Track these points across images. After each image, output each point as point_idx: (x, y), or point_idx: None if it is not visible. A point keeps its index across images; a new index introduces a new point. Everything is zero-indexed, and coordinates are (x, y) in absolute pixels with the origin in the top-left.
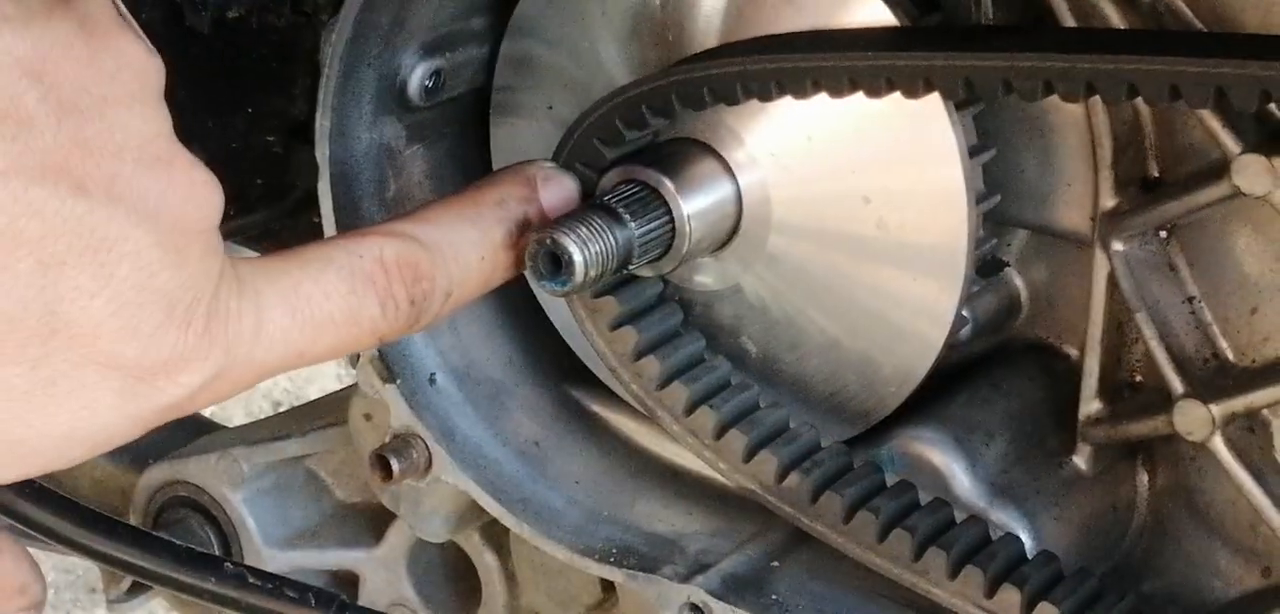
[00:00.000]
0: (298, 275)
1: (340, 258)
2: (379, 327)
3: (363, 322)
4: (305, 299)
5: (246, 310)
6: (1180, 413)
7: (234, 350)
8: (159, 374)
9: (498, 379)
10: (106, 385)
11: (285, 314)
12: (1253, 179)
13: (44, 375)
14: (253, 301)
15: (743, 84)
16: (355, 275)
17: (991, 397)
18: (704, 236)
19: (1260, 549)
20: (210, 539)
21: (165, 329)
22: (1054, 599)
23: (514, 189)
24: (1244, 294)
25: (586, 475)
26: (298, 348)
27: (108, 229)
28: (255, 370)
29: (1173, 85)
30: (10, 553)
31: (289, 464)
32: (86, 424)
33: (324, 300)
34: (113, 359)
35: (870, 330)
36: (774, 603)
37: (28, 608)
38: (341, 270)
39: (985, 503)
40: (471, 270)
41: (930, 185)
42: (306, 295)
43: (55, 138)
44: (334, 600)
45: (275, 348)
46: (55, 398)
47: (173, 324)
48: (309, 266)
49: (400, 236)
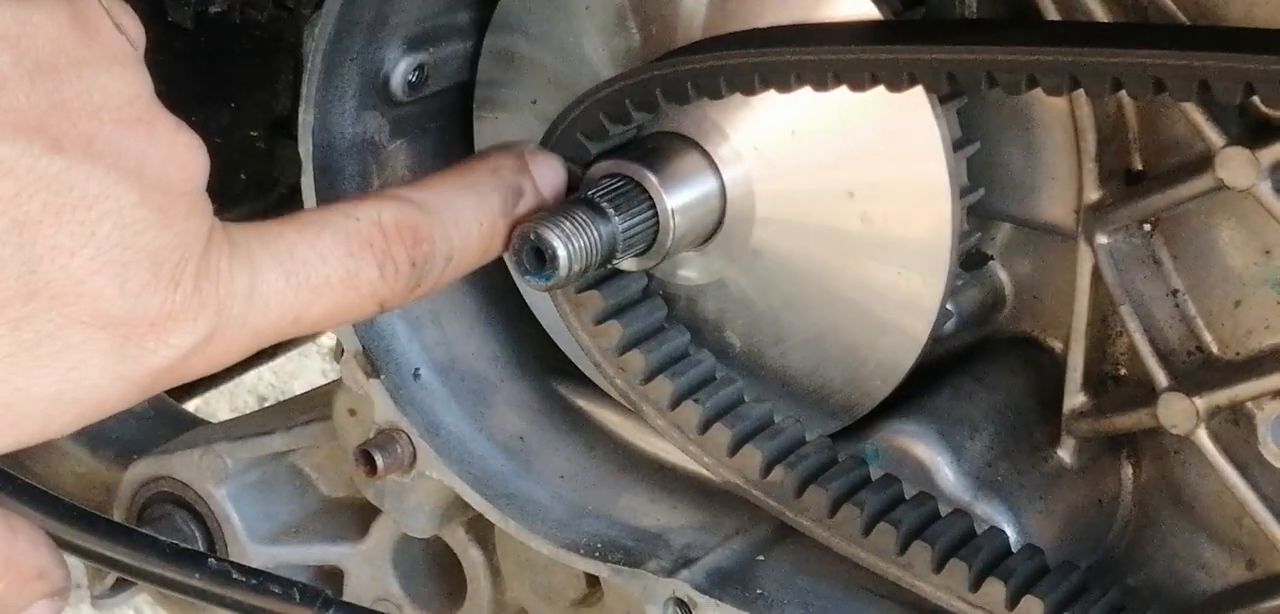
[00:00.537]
0: (293, 238)
1: (337, 220)
2: (378, 290)
3: (361, 285)
4: (301, 262)
5: (238, 271)
6: (1165, 406)
7: (226, 311)
8: (148, 334)
9: (482, 374)
10: (94, 346)
11: (280, 277)
12: (1236, 172)
13: (27, 336)
14: (246, 263)
15: (726, 78)
16: (352, 237)
17: (976, 390)
18: (688, 231)
19: (1245, 542)
20: (194, 535)
21: (152, 287)
22: (1038, 593)
23: (506, 160)
24: (1228, 287)
25: (571, 470)
26: (293, 311)
27: (86, 187)
28: (249, 334)
29: (1156, 78)
30: (27, 536)
31: (273, 459)
32: (75, 386)
33: (320, 263)
34: (98, 317)
35: (854, 324)
36: (759, 597)
37: (49, 594)
38: (338, 233)
39: (970, 496)
40: (471, 236)
41: (914, 179)
42: (302, 259)
43: (29, 98)
44: (318, 596)
45: (270, 311)
46: (40, 359)
47: (160, 282)
48: (305, 230)
49: (399, 200)
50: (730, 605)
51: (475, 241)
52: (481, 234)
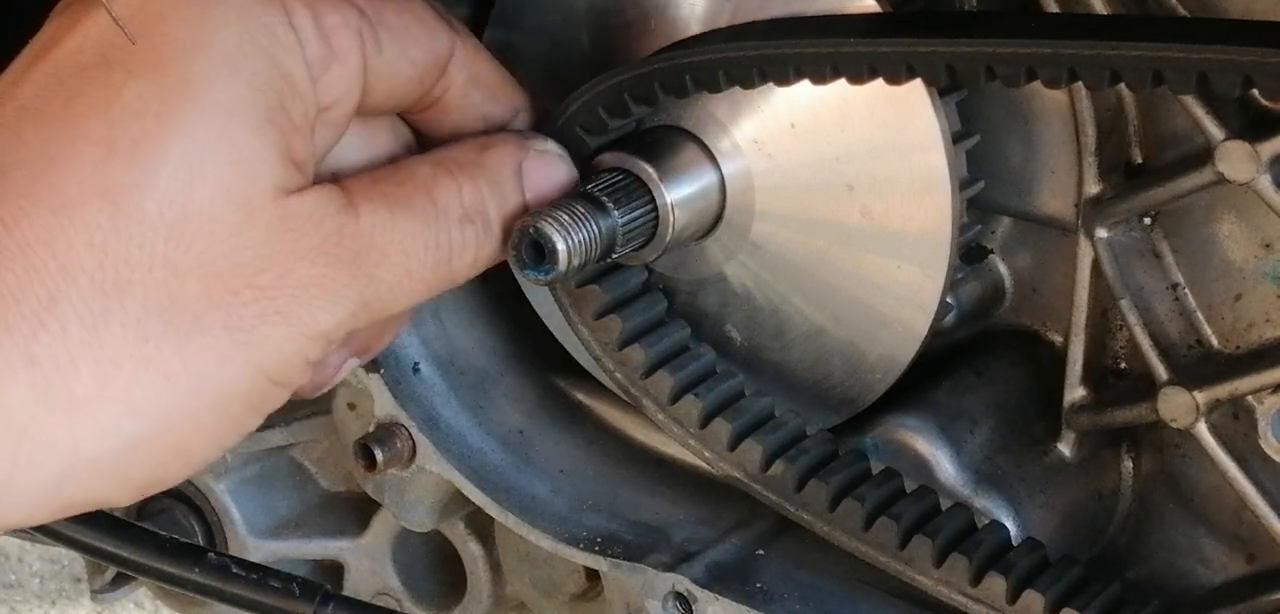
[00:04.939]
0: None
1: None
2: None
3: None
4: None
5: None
6: (1165, 400)
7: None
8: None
9: (482, 368)
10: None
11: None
12: (1236, 165)
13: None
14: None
15: (725, 71)
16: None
17: (976, 384)
18: (688, 225)
19: (1245, 535)
20: (194, 529)
21: None
22: (1039, 586)
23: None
24: (1228, 280)
25: (571, 464)
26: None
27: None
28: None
29: (1156, 71)
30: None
31: (273, 454)
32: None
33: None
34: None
35: (855, 318)
36: (759, 591)
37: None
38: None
39: (970, 490)
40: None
41: (914, 172)
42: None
43: None
44: (318, 590)
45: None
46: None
47: None
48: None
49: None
50: (730, 600)
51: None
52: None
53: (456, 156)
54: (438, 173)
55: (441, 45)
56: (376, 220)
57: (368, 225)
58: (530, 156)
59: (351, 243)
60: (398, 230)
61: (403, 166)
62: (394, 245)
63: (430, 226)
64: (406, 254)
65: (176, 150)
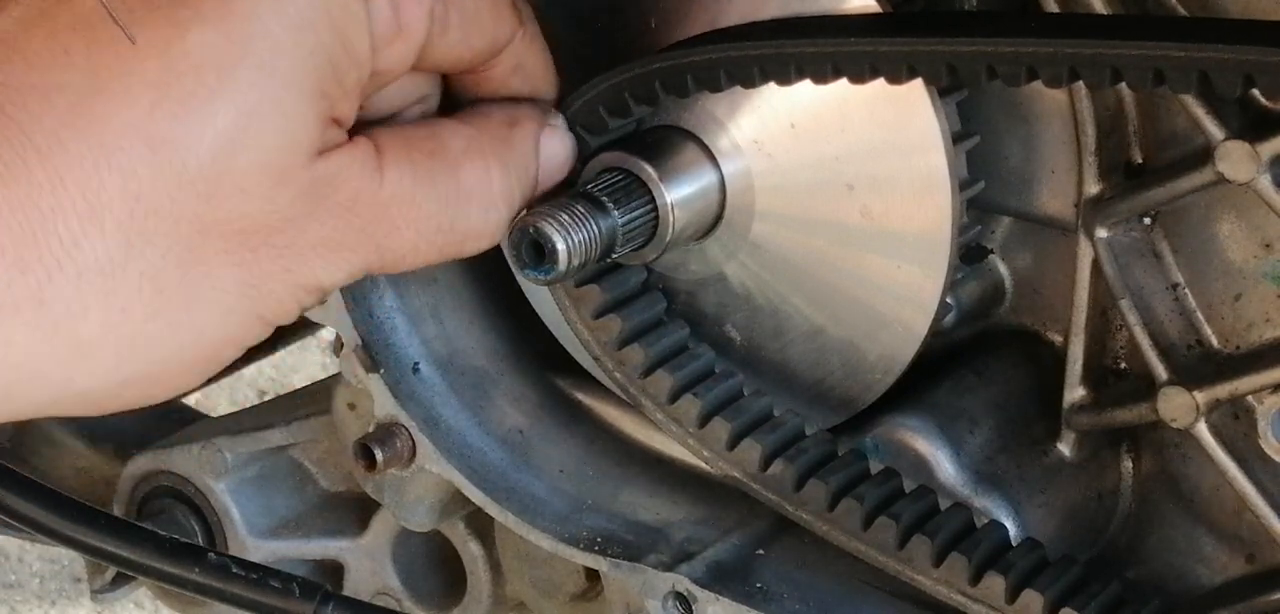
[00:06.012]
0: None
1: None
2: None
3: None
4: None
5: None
6: (1165, 400)
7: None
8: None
9: (482, 368)
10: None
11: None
12: (1236, 165)
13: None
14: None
15: (726, 70)
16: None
17: (976, 384)
18: (688, 224)
19: (1245, 535)
20: (194, 529)
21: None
22: (1038, 586)
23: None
24: (1228, 280)
25: (571, 464)
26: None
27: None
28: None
29: (1156, 70)
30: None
31: (273, 454)
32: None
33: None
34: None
35: (854, 318)
36: (759, 591)
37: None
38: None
39: (969, 490)
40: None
41: (914, 172)
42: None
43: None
44: (318, 590)
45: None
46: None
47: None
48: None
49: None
50: (730, 599)
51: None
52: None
53: (490, 132)
54: (470, 151)
55: (503, 34)
56: (398, 190)
57: (388, 195)
58: (546, 131)
59: (367, 210)
60: (415, 205)
61: (437, 134)
62: (408, 220)
63: (448, 209)
64: (418, 231)
65: (226, 113)
